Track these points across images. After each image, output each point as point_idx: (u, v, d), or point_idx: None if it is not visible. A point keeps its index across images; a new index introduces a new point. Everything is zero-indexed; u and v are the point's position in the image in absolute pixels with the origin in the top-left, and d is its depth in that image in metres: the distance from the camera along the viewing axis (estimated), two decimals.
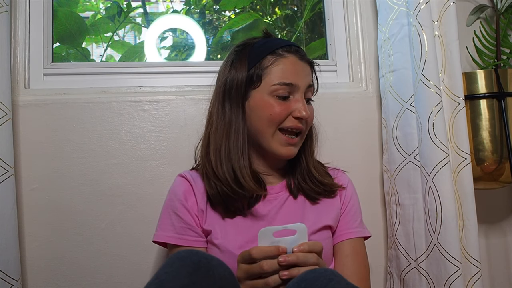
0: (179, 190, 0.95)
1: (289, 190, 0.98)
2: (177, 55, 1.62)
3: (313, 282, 0.64)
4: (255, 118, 0.93)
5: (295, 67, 0.94)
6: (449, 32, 1.15)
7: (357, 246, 0.97)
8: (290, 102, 0.93)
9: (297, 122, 0.92)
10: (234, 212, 0.92)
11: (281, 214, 0.95)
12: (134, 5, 1.58)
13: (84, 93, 1.20)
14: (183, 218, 0.92)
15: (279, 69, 0.93)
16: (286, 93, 0.92)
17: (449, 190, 1.05)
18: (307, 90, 0.95)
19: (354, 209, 1.01)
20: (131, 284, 1.14)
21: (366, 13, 1.36)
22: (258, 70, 0.93)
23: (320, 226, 0.94)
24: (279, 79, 0.92)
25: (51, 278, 1.12)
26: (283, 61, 0.94)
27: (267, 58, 0.94)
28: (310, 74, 0.99)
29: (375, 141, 1.30)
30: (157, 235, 0.94)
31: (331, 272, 0.66)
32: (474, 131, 1.21)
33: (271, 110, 0.91)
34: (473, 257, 1.09)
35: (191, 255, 0.66)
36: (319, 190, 0.98)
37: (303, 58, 0.97)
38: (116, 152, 1.17)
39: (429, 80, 1.08)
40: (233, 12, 1.67)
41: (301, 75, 0.94)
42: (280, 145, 0.93)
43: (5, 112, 1.02)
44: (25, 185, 1.13)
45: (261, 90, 0.93)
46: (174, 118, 1.21)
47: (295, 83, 0.92)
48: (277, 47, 0.95)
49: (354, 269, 0.94)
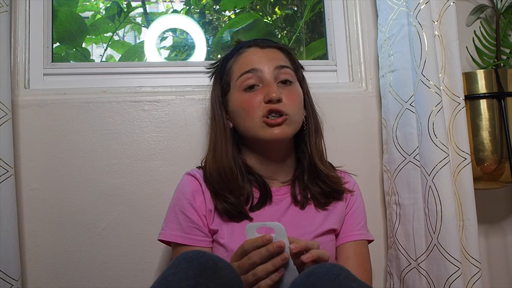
0: (187, 189, 0.94)
1: (294, 196, 0.97)
2: (177, 55, 1.62)
3: (322, 277, 0.64)
4: (238, 118, 0.95)
5: (254, 55, 0.95)
6: (449, 32, 1.15)
7: (360, 248, 0.97)
8: (260, 90, 0.92)
9: (270, 105, 0.90)
10: (240, 217, 0.92)
11: (286, 216, 0.94)
12: (134, 5, 1.58)
13: (84, 93, 1.20)
14: (191, 218, 0.91)
15: (239, 63, 0.95)
16: (253, 82, 0.92)
17: (449, 190, 1.05)
18: (278, 72, 0.93)
19: (358, 212, 1.00)
20: (131, 284, 1.14)
21: (366, 13, 1.35)
22: (225, 76, 0.97)
23: (325, 230, 0.94)
24: (241, 70, 0.94)
25: (51, 278, 1.12)
26: (242, 56, 0.96)
27: (229, 62, 0.97)
28: (281, 57, 0.97)
29: (375, 141, 1.30)
30: (163, 233, 0.93)
31: (339, 268, 0.67)
32: (474, 131, 1.21)
33: (244, 104, 0.92)
34: (473, 257, 1.09)
35: (198, 256, 0.66)
36: (328, 191, 0.96)
37: (266, 46, 0.97)
38: (116, 152, 1.17)
39: (429, 80, 1.08)
40: (233, 12, 1.67)
41: (263, 59, 0.94)
42: (265, 129, 0.91)
43: (5, 112, 1.02)
44: (25, 185, 1.13)
45: (232, 91, 0.96)
46: (174, 118, 1.21)
47: (257, 67, 0.92)
48: (238, 48, 0.98)
49: (356, 271, 0.93)
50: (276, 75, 0.93)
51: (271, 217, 0.93)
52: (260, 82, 0.92)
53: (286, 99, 0.92)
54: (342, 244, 0.97)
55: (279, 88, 0.92)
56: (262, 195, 0.94)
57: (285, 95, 0.92)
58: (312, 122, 1.00)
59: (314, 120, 1.01)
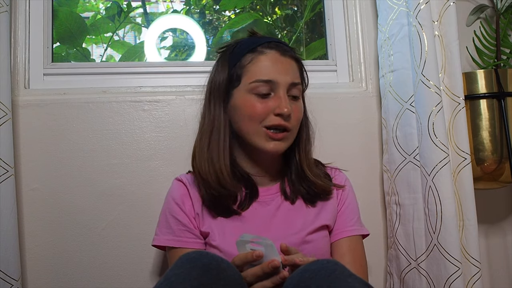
0: (176, 193, 0.96)
1: (283, 192, 0.97)
2: (177, 55, 1.62)
3: (317, 272, 0.65)
4: (238, 117, 0.93)
5: (274, 63, 0.92)
6: (449, 32, 1.15)
7: (354, 244, 0.97)
8: (271, 100, 0.91)
9: (279, 120, 0.90)
10: (228, 212, 0.92)
11: (278, 216, 0.95)
12: (134, 5, 1.58)
13: (84, 93, 1.20)
14: (181, 221, 0.93)
15: (257, 66, 0.92)
16: (266, 90, 0.91)
17: (449, 190, 1.05)
18: (291, 87, 0.93)
19: (350, 208, 1.00)
20: (131, 284, 1.14)
21: (366, 13, 1.35)
22: (238, 69, 0.93)
23: (318, 226, 0.94)
24: (257, 76, 0.91)
25: (51, 278, 1.12)
26: (262, 58, 0.93)
27: (246, 56, 0.93)
28: (295, 70, 0.96)
29: (375, 141, 1.30)
30: (156, 239, 0.95)
31: (334, 263, 0.67)
32: (474, 131, 1.21)
33: (251, 109, 0.91)
34: (473, 257, 1.09)
35: (201, 257, 0.66)
36: (314, 193, 0.97)
37: (286, 54, 0.94)
38: (116, 152, 1.17)
39: (429, 80, 1.08)
40: (233, 12, 1.67)
41: (281, 71, 0.92)
42: (265, 140, 0.91)
43: (5, 112, 1.02)
44: (25, 185, 1.13)
45: (241, 88, 0.93)
46: (174, 118, 1.21)
47: (274, 79, 0.91)
48: (257, 44, 0.94)
49: (351, 267, 0.93)
50: (290, 90, 0.93)
51: (263, 217, 0.94)
52: (272, 91, 0.92)
53: (293, 115, 0.92)
54: (336, 241, 0.97)
55: (289, 102, 0.92)
56: (249, 192, 0.95)
57: (292, 110, 0.92)
58: (304, 130, 1.01)
59: (306, 128, 1.02)
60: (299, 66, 0.98)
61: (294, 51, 0.98)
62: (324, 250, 0.94)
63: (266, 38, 0.97)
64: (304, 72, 1.00)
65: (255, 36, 1.00)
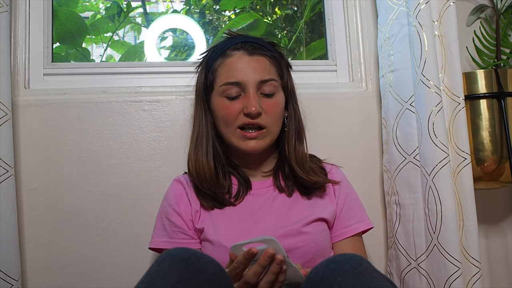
0: (170, 196, 0.98)
1: (278, 186, 0.99)
2: (177, 55, 1.62)
3: (343, 264, 0.65)
4: (216, 121, 0.98)
5: (240, 65, 0.94)
6: (449, 32, 1.15)
7: (356, 244, 0.98)
8: (240, 100, 0.93)
9: (249, 119, 0.92)
10: (222, 204, 0.95)
11: (273, 207, 0.96)
12: (134, 5, 1.58)
13: (84, 93, 1.20)
14: (174, 222, 0.94)
15: (225, 69, 0.95)
16: (236, 92, 0.93)
17: (449, 190, 1.05)
18: (260, 85, 0.93)
19: (350, 205, 1.00)
20: (131, 284, 1.13)
21: (366, 13, 1.35)
22: (211, 74, 0.97)
23: (314, 218, 0.94)
24: (225, 79, 0.94)
25: (51, 278, 1.12)
26: (229, 60, 0.95)
27: (217, 61, 0.97)
28: (267, 67, 0.95)
29: (375, 141, 1.30)
30: (152, 241, 0.97)
31: (360, 258, 0.67)
32: (474, 131, 1.21)
33: (223, 111, 0.94)
34: (473, 257, 1.09)
35: (181, 253, 0.66)
36: (306, 187, 0.98)
37: (254, 52, 0.95)
38: (116, 152, 1.17)
39: (429, 80, 1.08)
40: (233, 12, 1.67)
41: (248, 71, 0.93)
42: (241, 140, 0.94)
43: (5, 112, 1.02)
44: (25, 185, 1.13)
45: (215, 93, 0.97)
46: (174, 118, 1.21)
47: (240, 80, 0.92)
48: (226, 47, 0.96)
49: None
50: (261, 87, 0.94)
51: (258, 208, 0.95)
52: (242, 92, 0.93)
53: (266, 111, 0.93)
54: (338, 242, 0.97)
55: (260, 99, 0.93)
56: (241, 185, 0.97)
57: (265, 107, 0.93)
58: (293, 124, 1.01)
59: (295, 121, 1.01)
60: (273, 61, 0.98)
61: (264, 47, 0.98)
62: (323, 244, 0.94)
63: (236, 39, 0.98)
64: (282, 66, 1.00)
65: (230, 37, 1.00)
